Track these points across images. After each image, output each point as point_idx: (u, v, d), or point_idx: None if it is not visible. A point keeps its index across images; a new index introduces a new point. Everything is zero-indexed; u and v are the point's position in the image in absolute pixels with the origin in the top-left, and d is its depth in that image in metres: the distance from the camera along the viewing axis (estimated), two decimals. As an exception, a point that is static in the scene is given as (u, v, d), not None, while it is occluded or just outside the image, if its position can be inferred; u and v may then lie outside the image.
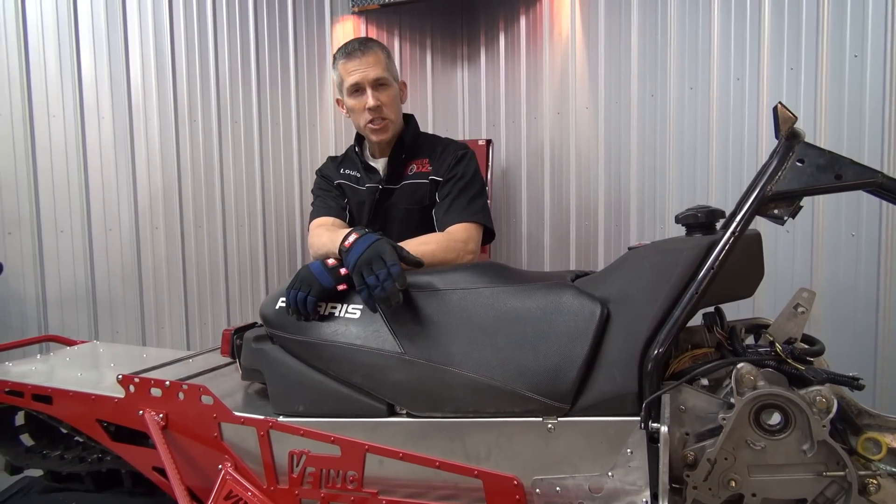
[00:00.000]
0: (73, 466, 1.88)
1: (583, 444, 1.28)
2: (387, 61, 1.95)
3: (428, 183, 1.92)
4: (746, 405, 1.11)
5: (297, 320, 1.53)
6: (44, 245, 3.23)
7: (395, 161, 1.97)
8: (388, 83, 1.93)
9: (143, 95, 3.41)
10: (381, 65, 1.91)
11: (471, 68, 4.21)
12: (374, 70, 1.89)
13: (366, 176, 2.00)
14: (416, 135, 2.04)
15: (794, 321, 1.24)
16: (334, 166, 2.10)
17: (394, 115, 1.95)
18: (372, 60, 1.90)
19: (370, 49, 1.92)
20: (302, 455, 1.51)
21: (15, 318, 3.16)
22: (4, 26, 3.09)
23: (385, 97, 1.91)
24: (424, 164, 1.95)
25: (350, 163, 2.06)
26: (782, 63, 2.63)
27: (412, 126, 2.05)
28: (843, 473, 1.06)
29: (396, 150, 1.97)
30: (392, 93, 1.94)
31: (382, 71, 1.91)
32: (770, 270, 2.60)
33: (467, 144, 2.03)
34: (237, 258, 3.71)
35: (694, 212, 1.32)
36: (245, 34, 3.68)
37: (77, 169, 3.28)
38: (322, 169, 2.11)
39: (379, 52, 1.93)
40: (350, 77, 1.90)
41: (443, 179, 1.90)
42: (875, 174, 1.14)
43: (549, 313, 1.35)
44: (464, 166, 1.90)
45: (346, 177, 2.04)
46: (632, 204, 3.27)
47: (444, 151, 1.95)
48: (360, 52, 1.90)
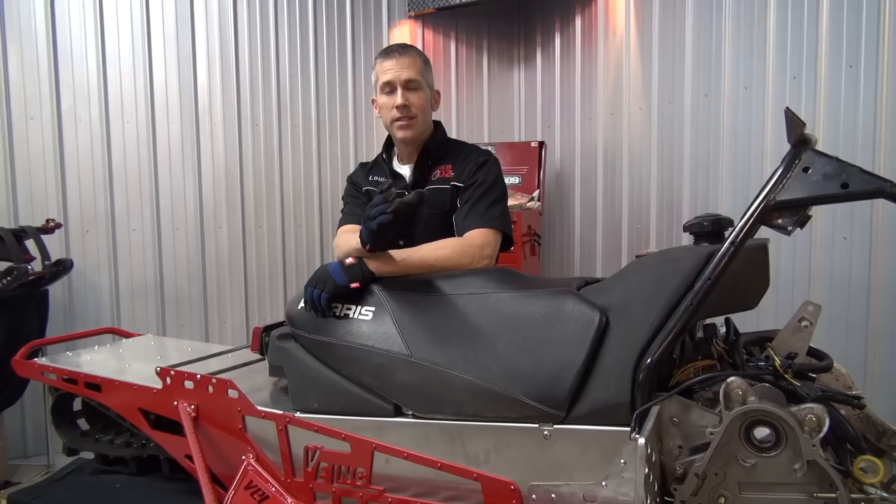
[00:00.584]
0: (120, 451, 2.02)
1: (577, 452, 1.28)
2: (422, 67, 1.99)
3: (450, 188, 1.94)
4: (736, 420, 1.08)
5: (315, 317, 1.60)
6: (117, 242, 3.46)
7: (420, 167, 2.00)
8: (420, 87, 1.97)
9: (209, 100, 3.59)
10: (415, 67, 1.96)
11: (527, 70, 4.20)
12: (408, 71, 1.94)
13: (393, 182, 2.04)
14: (442, 141, 2.07)
15: (798, 335, 1.19)
16: (364, 173, 2.15)
17: (421, 116, 1.98)
18: (408, 62, 1.95)
19: (407, 52, 1.98)
20: (316, 450, 1.57)
21: (90, 308, 3.40)
22: (84, 38, 3.33)
23: (415, 98, 1.96)
24: (447, 169, 1.97)
25: (378, 169, 2.11)
26: (841, 61, 2.50)
27: (439, 133, 2.08)
28: (835, 496, 1.02)
29: (423, 157, 2.01)
30: (422, 96, 1.98)
31: (415, 74, 1.96)
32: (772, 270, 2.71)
33: (490, 151, 2.04)
34: (294, 257, 3.85)
35: (701, 220, 1.29)
36: (305, 40, 3.81)
37: (148, 171, 3.49)
38: (352, 175, 2.18)
39: (416, 57, 1.98)
40: (384, 75, 1.96)
41: (464, 185, 1.92)
42: (884, 183, 1.09)
43: (550, 320, 1.35)
44: (484, 172, 1.91)
45: (373, 183, 2.09)
46: (684, 206, 3.18)
47: (467, 158, 1.97)
48: (398, 53, 1.97)
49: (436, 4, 3.96)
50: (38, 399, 3.11)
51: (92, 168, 3.38)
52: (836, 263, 2.55)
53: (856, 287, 2.50)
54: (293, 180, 3.84)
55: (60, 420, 2.13)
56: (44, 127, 3.27)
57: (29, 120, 3.25)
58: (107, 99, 3.39)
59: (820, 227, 2.58)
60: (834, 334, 2.54)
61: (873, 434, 1.39)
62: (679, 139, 3.21)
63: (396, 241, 2.02)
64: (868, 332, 2.47)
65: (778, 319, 2.65)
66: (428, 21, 4.11)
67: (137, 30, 3.42)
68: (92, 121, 3.37)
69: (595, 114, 3.72)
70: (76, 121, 3.34)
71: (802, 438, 1.02)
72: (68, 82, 3.31)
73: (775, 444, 1.07)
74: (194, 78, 3.56)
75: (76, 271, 3.28)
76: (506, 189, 1.97)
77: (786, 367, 1.14)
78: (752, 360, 1.22)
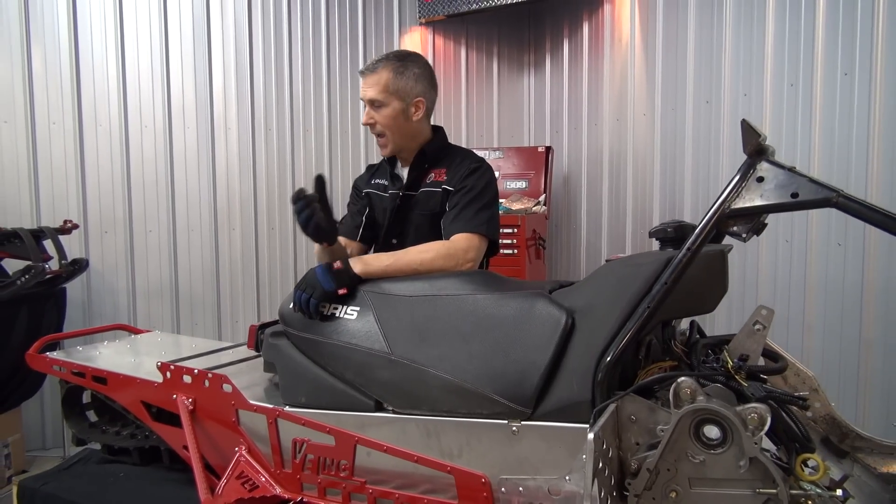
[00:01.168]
0: (124, 441, 2.12)
1: (543, 447, 1.33)
2: (390, 81, 1.97)
3: (441, 192, 2.00)
4: (685, 418, 1.13)
5: (303, 318, 1.67)
6: (134, 243, 3.59)
7: (415, 170, 2.07)
8: (385, 103, 1.97)
9: (223, 107, 3.71)
10: (379, 85, 1.96)
11: (537, 75, 4.25)
12: (371, 91, 1.97)
13: (391, 184, 2.11)
14: (441, 146, 2.12)
15: (753, 338, 1.24)
16: (367, 176, 2.22)
17: (390, 132, 2.01)
18: (372, 81, 1.97)
19: (374, 70, 1.98)
20: (303, 443, 1.65)
21: (108, 307, 3.54)
22: (105, 47, 3.46)
23: (379, 116, 1.99)
24: (441, 173, 2.03)
25: (381, 172, 2.17)
26: (836, 69, 2.53)
27: (438, 137, 2.13)
28: (775, 491, 1.06)
29: (418, 159, 2.07)
30: (388, 112, 1.98)
31: (377, 93, 1.96)
32: (769, 277, 2.70)
33: (484, 159, 2.08)
34: (305, 259, 3.94)
35: (665, 226, 1.34)
36: (317, 47, 3.91)
37: (164, 175, 3.62)
38: (357, 179, 2.26)
39: (383, 73, 1.97)
40: (361, 92, 2.03)
41: (454, 189, 1.97)
42: (831, 192, 1.13)
43: (520, 321, 1.41)
44: (475, 179, 1.96)
45: (375, 186, 2.16)
46: (686, 210, 3.21)
47: (461, 163, 2.02)
48: (368, 71, 1.99)
49: (446, 11, 4.04)
50: (56, 394, 3.24)
51: (111, 172, 3.52)
52: (830, 269, 2.57)
53: (850, 293, 2.51)
54: (305, 184, 3.93)
55: (70, 412, 2.24)
56: (65, 132, 3.41)
57: (52, 125, 3.39)
58: (126, 105, 3.52)
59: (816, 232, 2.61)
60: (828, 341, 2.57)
61: (837, 436, 1.43)
62: (681, 144, 3.24)
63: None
64: (861, 340, 2.48)
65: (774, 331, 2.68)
66: (438, 27, 4.19)
67: (156, 40, 3.55)
68: (111, 126, 3.50)
69: (601, 119, 3.76)
70: (96, 126, 3.48)
71: (745, 436, 1.07)
72: (89, 89, 3.45)
73: (722, 441, 1.11)
74: (210, 85, 3.67)
75: (94, 271, 3.42)
76: (496, 196, 2.01)
77: (737, 368, 1.19)
78: (708, 361, 1.27)
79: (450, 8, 4.00)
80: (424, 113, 2.04)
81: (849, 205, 1.12)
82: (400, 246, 2.02)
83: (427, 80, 2.04)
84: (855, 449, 1.41)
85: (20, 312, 2.72)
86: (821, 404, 1.47)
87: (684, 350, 1.32)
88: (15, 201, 3.31)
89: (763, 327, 1.23)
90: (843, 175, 2.50)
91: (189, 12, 3.60)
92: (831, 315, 2.58)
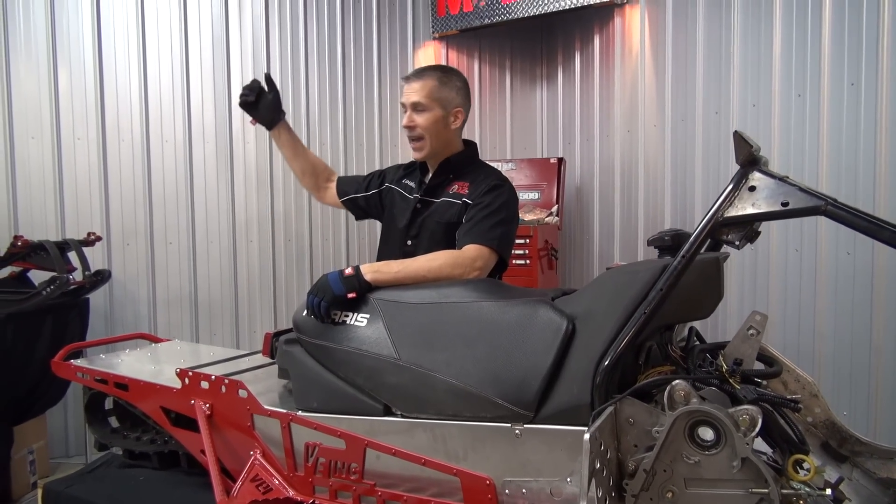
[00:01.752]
0: (144, 446, 2.19)
1: (545, 450, 1.37)
2: (434, 89, 2.08)
3: (460, 204, 2.05)
4: (680, 420, 1.16)
5: (316, 322, 1.73)
6: (155, 255, 3.67)
7: (438, 177, 2.13)
8: (428, 108, 2.08)
9: (242, 121, 3.80)
10: (424, 91, 2.08)
11: (549, 88, 4.31)
12: (416, 95, 2.08)
13: (418, 188, 2.18)
14: (470, 159, 2.18)
15: (747, 343, 1.27)
16: (400, 173, 2.29)
17: (429, 136, 2.09)
18: (417, 87, 2.08)
19: (420, 77, 2.11)
20: (315, 447, 1.70)
21: (129, 316, 3.62)
22: (128, 63, 3.57)
23: (421, 119, 2.08)
24: (464, 186, 2.09)
25: (414, 175, 2.23)
26: (843, 78, 2.55)
27: (469, 151, 2.20)
28: (767, 491, 1.09)
29: (442, 167, 2.13)
30: (429, 117, 2.08)
31: (422, 97, 2.07)
32: (779, 285, 2.75)
33: (508, 179, 2.13)
34: (322, 269, 4.01)
35: (662, 235, 1.38)
36: (333, 62, 4.00)
37: (185, 188, 3.72)
38: (388, 168, 2.36)
39: (428, 80, 2.09)
40: (401, 97, 2.14)
41: (472, 203, 2.03)
42: (820, 201, 1.17)
43: (523, 327, 1.46)
44: (493, 196, 2.01)
45: (403, 186, 2.22)
46: (696, 220, 3.22)
47: (484, 180, 2.07)
48: (413, 77, 2.12)
49: (459, 26, 4.12)
50: (79, 402, 3.33)
51: (133, 185, 3.62)
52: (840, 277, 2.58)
53: (860, 301, 2.53)
54: (319, 204, 4.01)
55: (93, 418, 2.32)
56: (90, 147, 3.52)
57: (76, 141, 3.50)
58: (147, 121, 3.62)
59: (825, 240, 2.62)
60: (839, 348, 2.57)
61: (836, 440, 1.46)
62: (691, 155, 3.27)
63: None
64: (871, 347, 2.49)
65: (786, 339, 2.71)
66: (452, 42, 4.26)
67: (176, 58, 3.65)
68: (134, 141, 3.60)
69: (612, 130, 3.80)
70: (119, 141, 3.58)
71: (737, 437, 1.11)
72: (112, 106, 3.55)
73: (716, 442, 1.15)
74: (228, 100, 3.77)
75: (116, 281, 3.51)
76: (513, 216, 2.05)
77: (731, 372, 1.22)
78: (704, 366, 1.30)
79: (463, 23, 4.08)
80: (460, 124, 2.15)
81: (837, 213, 1.15)
82: (415, 248, 2.09)
83: (465, 95, 2.16)
84: (854, 453, 1.43)
85: (45, 322, 2.81)
86: (821, 409, 1.49)
87: (682, 355, 1.35)
88: (41, 214, 3.42)
89: (757, 332, 1.27)
90: (850, 183, 2.52)
91: (209, 30, 3.71)
92: (841, 323, 2.59)
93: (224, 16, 3.73)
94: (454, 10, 4.09)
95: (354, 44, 4.06)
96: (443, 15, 4.13)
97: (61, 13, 3.42)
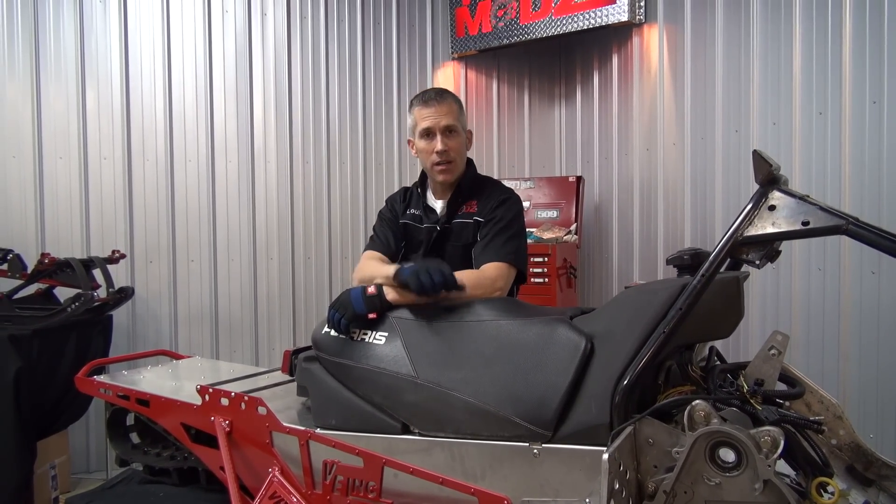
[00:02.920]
0: (164, 462, 2.21)
1: (563, 470, 1.36)
2: (458, 112, 2.13)
3: (472, 223, 2.07)
4: (700, 441, 1.15)
5: (335, 340, 1.74)
6: (177, 272, 3.73)
7: (453, 204, 2.14)
8: (458, 131, 2.11)
9: (263, 140, 3.86)
10: (453, 114, 2.10)
11: (567, 107, 4.31)
12: (447, 118, 2.08)
13: (426, 216, 2.18)
14: (473, 178, 2.20)
15: (769, 363, 1.26)
16: (402, 205, 2.28)
17: (459, 158, 2.13)
18: (445, 110, 2.09)
19: (445, 99, 2.11)
20: (333, 464, 1.70)
21: (151, 333, 3.67)
22: (154, 85, 3.66)
23: (453, 143, 2.10)
24: (473, 205, 2.10)
25: (415, 202, 2.25)
26: (865, 96, 2.53)
27: (470, 170, 2.22)
28: (790, 514, 1.08)
29: (455, 194, 2.15)
30: (460, 140, 2.12)
31: (454, 120, 2.10)
32: (803, 305, 2.74)
33: (513, 190, 2.15)
34: (340, 287, 4.03)
35: (682, 254, 1.38)
36: (354, 82, 4.05)
37: (207, 206, 3.77)
38: (391, 199, 2.31)
39: (452, 103, 2.12)
40: (424, 122, 2.11)
41: (484, 220, 2.04)
42: (841, 220, 1.16)
43: (542, 346, 1.45)
44: (504, 210, 2.03)
45: (410, 217, 2.23)
46: (716, 239, 3.19)
47: (491, 195, 2.09)
48: (436, 100, 2.10)
49: (478, 46, 4.15)
50: (101, 418, 3.37)
51: (156, 204, 3.68)
52: (864, 297, 2.55)
53: (886, 321, 2.49)
54: (340, 214, 4.05)
55: (114, 433, 2.34)
56: (115, 166, 3.60)
57: (102, 160, 3.58)
58: (171, 140, 3.70)
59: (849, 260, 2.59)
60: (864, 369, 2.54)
61: (862, 464, 1.43)
62: (711, 173, 3.26)
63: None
64: (878, 367, 2.44)
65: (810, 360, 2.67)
66: (471, 62, 4.30)
67: (200, 79, 3.73)
68: (158, 160, 3.68)
69: (631, 149, 3.80)
70: (144, 161, 3.65)
71: (759, 459, 1.09)
72: (138, 126, 3.64)
73: (737, 464, 1.13)
74: (251, 120, 3.84)
75: (139, 298, 3.56)
76: (524, 227, 2.07)
77: (752, 392, 1.21)
78: (724, 386, 1.29)
79: (482, 43, 4.12)
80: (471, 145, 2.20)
81: (859, 232, 1.14)
82: None
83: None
84: (881, 477, 1.40)
85: (70, 338, 2.86)
86: (845, 432, 1.46)
87: (702, 375, 1.34)
88: (67, 232, 3.48)
89: (778, 352, 1.25)
90: (874, 202, 2.49)
91: (232, 51, 3.78)
92: (867, 343, 2.55)
93: (247, 36, 3.81)
94: (473, 31, 4.13)
95: (374, 64, 4.11)
96: (462, 36, 4.17)
97: (90, 35, 3.52)
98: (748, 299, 2.95)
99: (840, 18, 2.61)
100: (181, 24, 3.69)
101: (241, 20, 3.80)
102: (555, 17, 3.83)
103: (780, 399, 1.25)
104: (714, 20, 3.20)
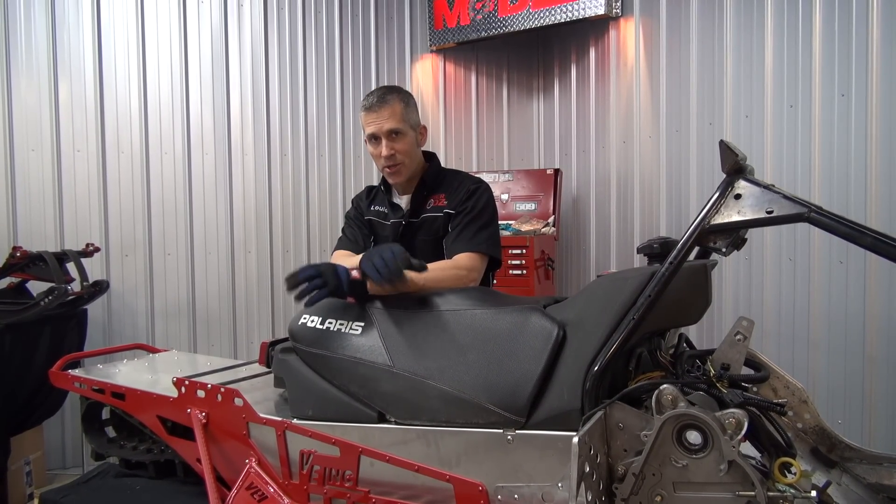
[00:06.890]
0: (141, 456, 2.20)
1: (537, 455, 1.38)
2: (403, 111, 2.07)
3: (442, 216, 2.07)
4: (668, 424, 1.18)
5: (312, 331, 1.73)
6: (153, 266, 3.70)
7: (417, 198, 2.14)
8: (403, 132, 2.07)
9: (241, 133, 3.84)
10: (396, 117, 2.05)
11: (546, 100, 4.34)
12: (389, 122, 2.04)
13: (391, 212, 2.19)
14: (437, 172, 2.20)
15: (735, 348, 1.29)
16: (367, 201, 2.28)
17: (408, 159, 2.10)
18: (388, 113, 2.05)
19: (386, 102, 2.06)
20: (310, 454, 1.71)
21: (127, 327, 3.64)
22: (128, 76, 3.61)
23: (399, 145, 2.07)
24: (441, 198, 2.11)
25: (380, 199, 2.25)
26: (834, 89, 2.58)
27: (434, 164, 2.22)
28: (753, 494, 1.11)
29: (419, 189, 2.15)
30: (406, 140, 2.08)
31: (397, 123, 2.05)
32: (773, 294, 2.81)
33: (482, 179, 2.17)
34: (319, 280, 4.02)
35: (651, 243, 1.40)
36: (332, 75, 4.04)
37: (183, 199, 3.74)
38: (357, 199, 2.32)
39: (396, 104, 2.06)
40: (368, 127, 2.08)
41: (455, 212, 2.05)
42: (803, 208, 1.19)
43: (515, 334, 1.47)
44: (474, 200, 2.04)
45: (375, 213, 2.24)
46: (691, 232, 3.25)
47: (459, 186, 2.10)
48: (378, 104, 2.05)
49: (456, 39, 4.16)
50: (76, 414, 3.33)
51: (132, 197, 3.64)
52: (833, 287, 2.60)
53: (852, 309, 2.54)
54: (319, 207, 4.04)
55: (90, 427, 2.32)
56: (89, 159, 3.55)
57: (76, 153, 3.53)
58: (147, 133, 3.66)
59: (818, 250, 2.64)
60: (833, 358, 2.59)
61: (826, 446, 1.47)
62: (686, 165, 3.30)
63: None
64: (865, 357, 2.51)
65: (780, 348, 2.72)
66: (449, 55, 4.31)
67: (176, 69, 3.69)
68: (133, 153, 3.64)
69: (608, 142, 3.83)
70: (119, 153, 3.61)
71: (724, 440, 1.12)
72: (112, 118, 3.59)
73: (703, 446, 1.16)
74: (227, 112, 3.81)
75: (115, 292, 3.53)
76: (495, 215, 2.09)
77: (719, 376, 1.24)
78: (692, 371, 1.32)
79: (460, 36, 4.13)
80: (425, 141, 2.16)
81: (821, 220, 1.17)
82: None
83: (418, 110, 2.16)
84: (844, 459, 1.44)
85: (43, 332, 2.83)
86: (810, 415, 1.50)
87: (671, 361, 1.37)
88: (40, 225, 3.44)
89: (744, 337, 1.28)
90: (842, 192, 2.55)
91: (208, 43, 3.75)
92: (835, 332, 2.61)
93: (223, 29, 3.78)
94: (451, 24, 4.13)
95: (353, 57, 4.10)
96: (440, 28, 4.18)
97: (62, 26, 3.46)
98: (721, 289, 3.00)
99: (810, 14, 2.66)
100: (156, 14, 3.65)
101: (216, 11, 3.76)
102: (533, 9, 3.85)
103: (746, 383, 1.29)
104: (688, 14, 3.24)
